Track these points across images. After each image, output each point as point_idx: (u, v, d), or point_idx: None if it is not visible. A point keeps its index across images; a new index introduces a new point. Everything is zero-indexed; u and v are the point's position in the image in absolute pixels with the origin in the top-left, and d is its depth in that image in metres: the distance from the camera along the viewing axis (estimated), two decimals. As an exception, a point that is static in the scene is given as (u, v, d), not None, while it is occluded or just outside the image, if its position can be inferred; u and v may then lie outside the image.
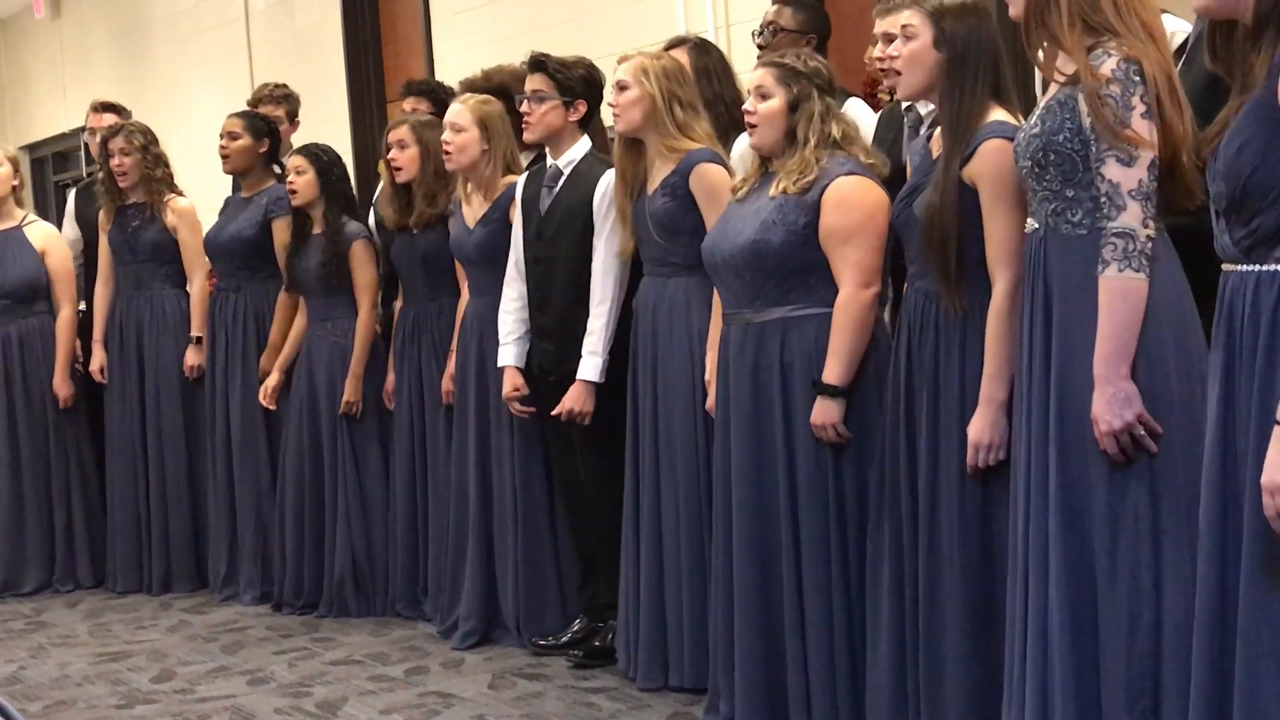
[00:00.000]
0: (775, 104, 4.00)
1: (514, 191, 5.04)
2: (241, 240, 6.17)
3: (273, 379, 6.01)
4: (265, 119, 6.29)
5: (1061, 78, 3.11)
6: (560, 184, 4.85)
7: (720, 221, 4.15)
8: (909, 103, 4.31)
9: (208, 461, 6.33)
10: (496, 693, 4.73)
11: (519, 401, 4.99)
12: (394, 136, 5.53)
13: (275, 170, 6.24)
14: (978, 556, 3.48)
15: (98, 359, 6.54)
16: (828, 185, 3.91)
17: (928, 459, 3.57)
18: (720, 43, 6.07)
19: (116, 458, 6.52)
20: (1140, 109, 2.99)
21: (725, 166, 4.40)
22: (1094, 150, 3.04)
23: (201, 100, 9.98)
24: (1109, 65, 3.00)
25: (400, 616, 5.71)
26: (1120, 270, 3.00)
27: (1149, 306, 3.01)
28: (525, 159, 5.33)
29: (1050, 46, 3.11)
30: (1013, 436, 3.33)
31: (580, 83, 4.84)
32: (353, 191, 6.08)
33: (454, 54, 7.97)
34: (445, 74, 7.38)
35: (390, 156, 5.52)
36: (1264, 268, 2.59)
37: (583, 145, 4.87)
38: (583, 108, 4.85)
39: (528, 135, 4.91)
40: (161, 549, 6.45)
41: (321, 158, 5.82)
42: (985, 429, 3.40)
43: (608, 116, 4.77)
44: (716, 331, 4.21)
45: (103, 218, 6.54)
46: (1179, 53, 3.40)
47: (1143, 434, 3.01)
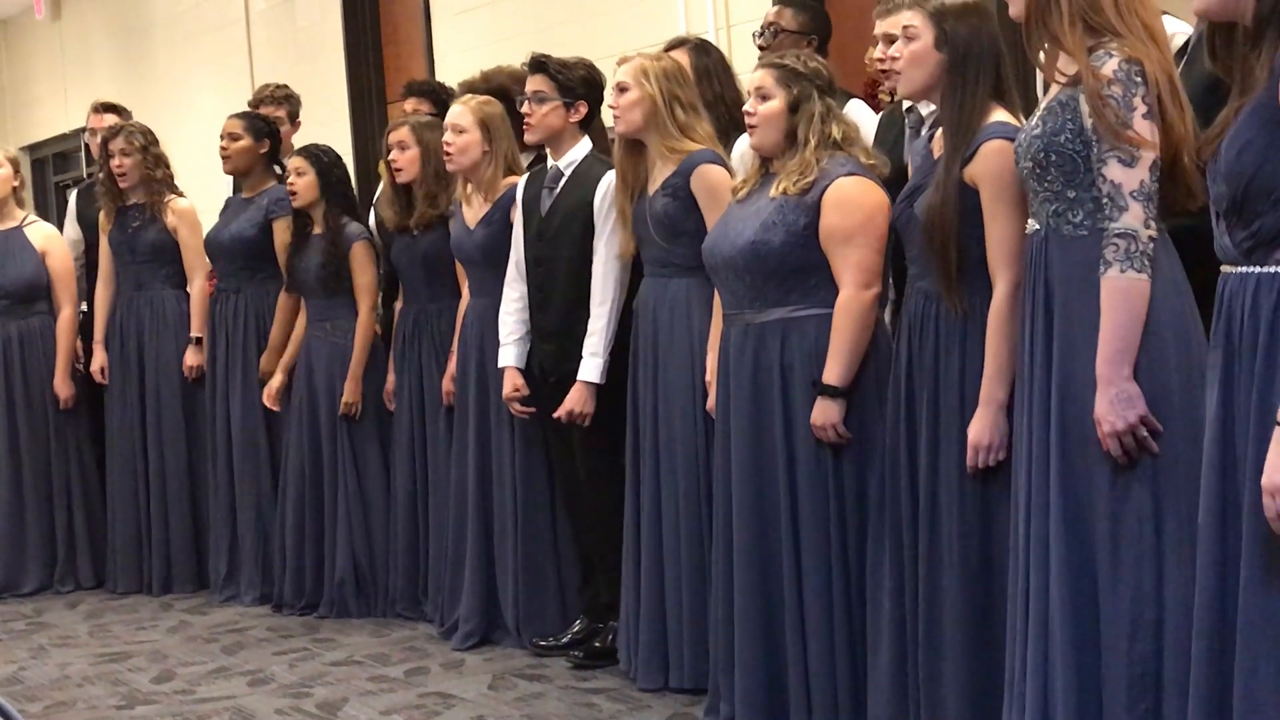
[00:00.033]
0: (775, 105, 3.99)
1: (515, 192, 5.04)
2: (242, 241, 6.17)
3: (276, 380, 6.00)
4: (266, 120, 6.29)
5: (1063, 78, 3.11)
6: (561, 185, 4.85)
7: (720, 222, 4.15)
8: (910, 104, 4.31)
9: (208, 462, 6.33)
10: (497, 693, 4.72)
11: (519, 402, 4.99)
12: (394, 137, 5.53)
13: (276, 171, 6.24)
14: (977, 557, 3.48)
15: (98, 360, 6.53)
16: (828, 186, 3.91)
17: (928, 459, 3.57)
18: (721, 44, 6.07)
19: (117, 458, 6.51)
20: (1142, 110, 2.99)
21: (726, 167, 4.40)
22: (1096, 151, 3.04)
23: (202, 101, 9.98)
24: (1111, 66, 3.00)
25: (401, 617, 5.71)
26: (1122, 271, 3.00)
27: (1150, 307, 3.01)
28: (525, 159, 5.33)
29: (1051, 47, 3.11)
30: (1013, 438, 3.33)
31: (581, 84, 4.84)
32: (353, 193, 6.07)
33: (454, 55, 7.97)
34: (446, 75, 7.37)
35: (391, 157, 5.52)
36: (1264, 269, 2.59)
37: (583, 146, 4.87)
38: (583, 109, 4.85)
39: (529, 137, 4.91)
40: (162, 550, 6.45)
41: (322, 159, 5.82)
42: (985, 430, 3.40)
43: (608, 117, 4.77)
44: (717, 332, 4.21)
45: (103, 218, 6.54)
46: (1180, 54, 3.40)
47: (1145, 435, 3.01)
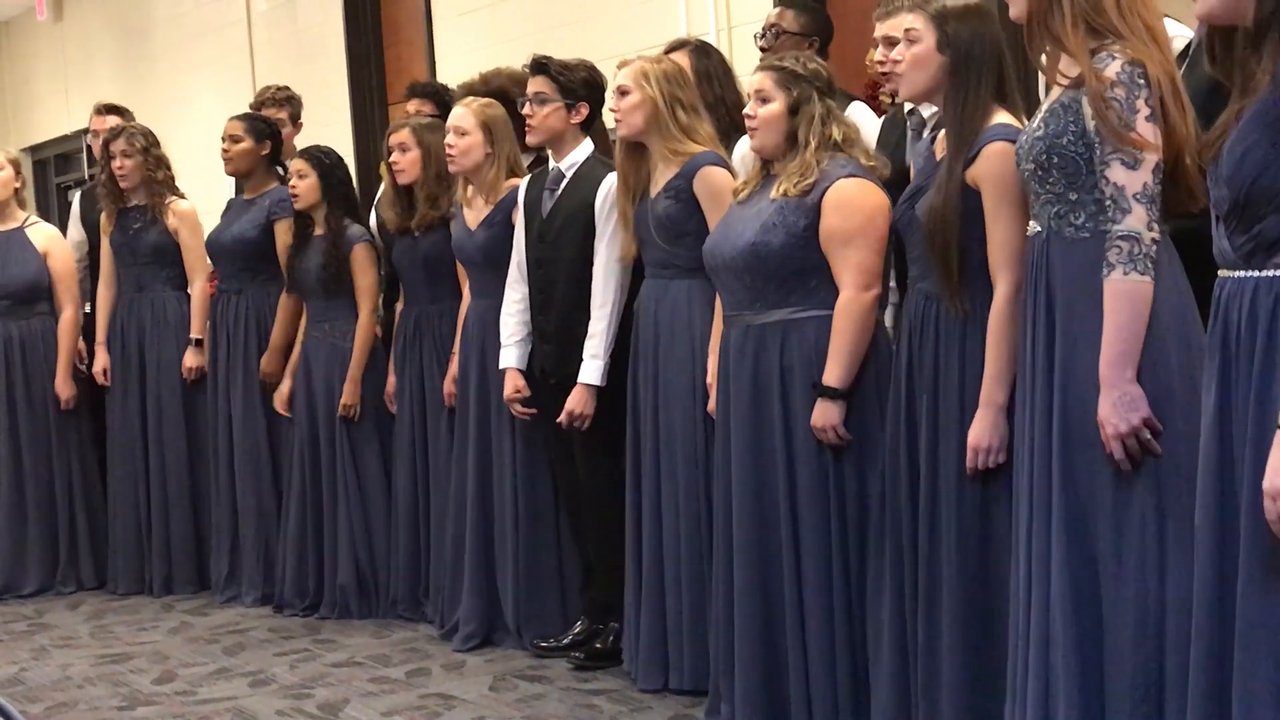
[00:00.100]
0: (775, 108, 4.00)
1: (516, 194, 5.04)
2: (244, 242, 6.18)
3: (285, 385, 6.00)
4: (267, 121, 6.29)
5: (1064, 80, 3.11)
6: (562, 187, 4.85)
7: (721, 224, 4.15)
8: (911, 106, 4.31)
9: (209, 463, 6.33)
10: (498, 694, 4.72)
11: (520, 403, 4.99)
12: (395, 139, 5.53)
13: (278, 172, 6.24)
14: (976, 558, 3.48)
15: (101, 361, 6.53)
16: (828, 188, 3.91)
17: (928, 461, 3.57)
18: (722, 45, 6.07)
19: (118, 459, 6.51)
20: (1145, 112, 2.99)
21: (729, 169, 4.40)
22: (1098, 153, 3.03)
23: (203, 102, 9.98)
24: (1113, 68, 3.00)
25: (402, 618, 5.71)
26: (1126, 273, 3.00)
27: (1153, 309, 3.01)
28: (525, 161, 5.33)
29: (1053, 49, 3.11)
30: (1014, 440, 3.33)
31: (582, 85, 4.84)
32: (355, 195, 6.07)
33: (455, 56, 7.97)
34: (447, 76, 7.38)
35: (392, 159, 5.52)
36: (1262, 273, 2.59)
37: (585, 148, 4.87)
38: (585, 110, 4.85)
39: (531, 139, 4.91)
40: (163, 551, 6.45)
41: (324, 161, 5.82)
42: (985, 432, 3.40)
43: (609, 119, 4.77)
44: (718, 334, 4.21)
45: (104, 220, 6.54)
46: (1181, 57, 3.40)
47: (1149, 437, 3.01)
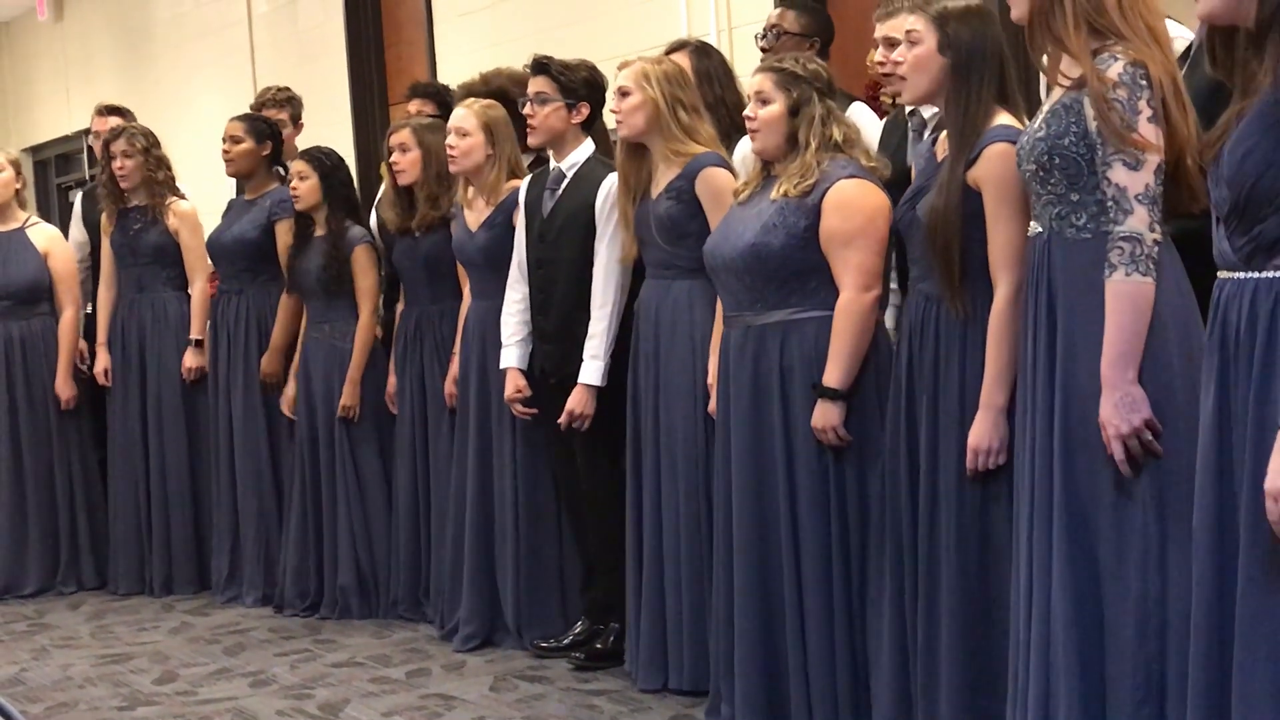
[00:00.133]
0: (776, 109, 4.00)
1: (517, 195, 5.04)
2: (244, 243, 6.18)
3: (290, 388, 6.00)
4: (267, 122, 6.29)
5: (1066, 81, 3.11)
6: (563, 187, 4.86)
7: (722, 224, 4.15)
8: (913, 107, 4.31)
9: (210, 463, 6.33)
10: (498, 695, 4.73)
11: (521, 403, 4.99)
12: (395, 139, 5.53)
13: (278, 173, 6.25)
14: (976, 559, 3.48)
15: (102, 361, 6.53)
16: (829, 188, 3.91)
17: (928, 461, 3.57)
18: (723, 46, 6.07)
19: (119, 459, 6.51)
20: (1147, 113, 2.99)
21: (730, 170, 4.40)
22: (1100, 154, 3.03)
23: (204, 103, 9.98)
24: (1116, 69, 3.00)
25: (402, 619, 5.71)
26: (1127, 274, 3.00)
27: (1154, 310, 3.00)
28: (525, 160, 5.33)
29: (1054, 50, 3.11)
30: (1014, 441, 3.33)
31: (583, 85, 4.84)
32: (356, 196, 6.07)
33: (456, 56, 7.97)
34: (447, 77, 7.37)
35: (392, 159, 5.52)
36: (1262, 275, 2.59)
37: (586, 148, 4.88)
38: (586, 110, 4.85)
39: (532, 139, 4.91)
40: (163, 551, 6.45)
41: (325, 162, 5.82)
42: (985, 433, 3.40)
43: (610, 119, 4.77)
44: (719, 335, 4.21)
45: (104, 220, 6.54)
46: (1183, 58, 3.40)
47: (1150, 438, 3.01)
